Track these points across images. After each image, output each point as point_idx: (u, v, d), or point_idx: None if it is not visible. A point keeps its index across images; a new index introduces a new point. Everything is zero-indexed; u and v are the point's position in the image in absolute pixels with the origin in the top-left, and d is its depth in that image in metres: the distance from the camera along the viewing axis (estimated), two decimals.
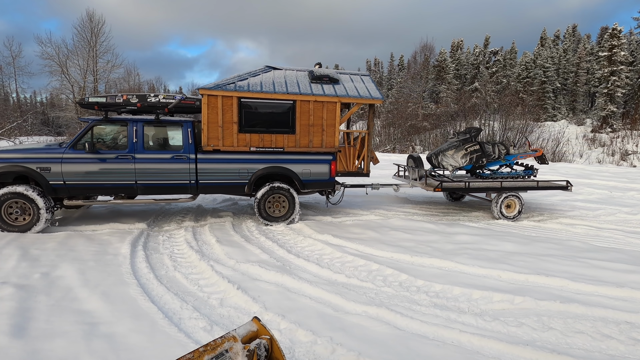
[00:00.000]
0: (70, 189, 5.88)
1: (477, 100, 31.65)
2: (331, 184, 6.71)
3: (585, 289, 4.05)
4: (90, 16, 41.26)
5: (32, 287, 3.82)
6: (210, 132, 6.12)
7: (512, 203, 7.25)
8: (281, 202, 6.56)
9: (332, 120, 6.49)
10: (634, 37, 35.28)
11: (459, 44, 47.81)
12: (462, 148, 7.62)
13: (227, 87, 6.14)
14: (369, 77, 7.39)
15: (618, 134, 27.51)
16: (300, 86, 6.51)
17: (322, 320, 3.34)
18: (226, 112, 6.14)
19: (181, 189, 6.22)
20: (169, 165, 6.07)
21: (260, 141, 6.33)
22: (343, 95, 6.47)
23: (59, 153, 5.77)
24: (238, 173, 6.34)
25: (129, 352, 2.83)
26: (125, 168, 5.94)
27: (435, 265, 4.74)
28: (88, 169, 5.85)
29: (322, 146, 6.54)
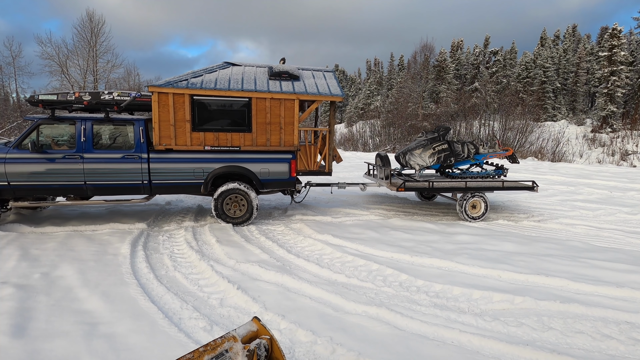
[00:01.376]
0: (16, 190, 5.69)
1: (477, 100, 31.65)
2: (292, 183, 6.60)
3: (585, 289, 4.05)
4: (90, 16, 41.25)
5: (32, 287, 3.82)
6: (162, 131, 5.94)
7: (477, 203, 7.17)
8: (240, 203, 6.45)
9: (291, 118, 6.37)
10: (634, 37, 35.28)
11: (459, 44, 47.80)
12: (429, 147, 7.57)
13: (178, 84, 5.95)
14: (331, 74, 7.23)
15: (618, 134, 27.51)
16: (257, 83, 6.36)
17: (322, 320, 3.34)
18: (178, 110, 5.97)
19: (134, 189, 6.07)
20: (120, 165, 5.91)
21: (216, 140, 6.20)
22: (301, 92, 6.35)
23: (3, 153, 5.58)
24: (193, 173, 6.19)
25: (129, 352, 2.83)
26: (73, 168, 5.77)
27: (435, 265, 4.74)
28: (33, 170, 5.65)
29: (280, 145, 6.43)
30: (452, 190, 7.20)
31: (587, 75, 37.74)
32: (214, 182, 6.45)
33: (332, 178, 9.11)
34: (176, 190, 6.29)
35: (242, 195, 6.39)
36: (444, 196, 8.22)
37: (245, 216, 6.45)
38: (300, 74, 6.84)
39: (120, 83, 49.68)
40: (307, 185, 7.31)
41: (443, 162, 7.62)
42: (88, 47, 41.59)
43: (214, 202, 6.31)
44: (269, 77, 6.59)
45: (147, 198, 6.34)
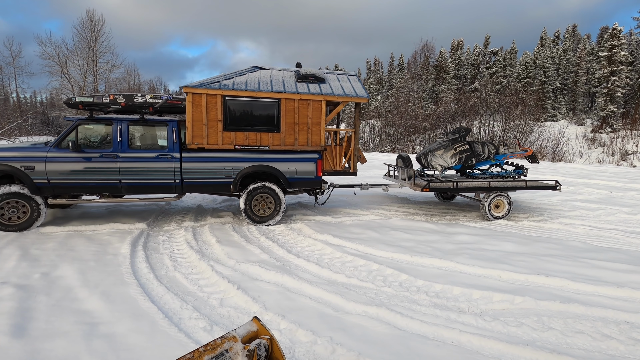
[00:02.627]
0: (55, 188, 5.84)
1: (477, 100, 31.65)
2: (317, 183, 6.71)
3: (585, 289, 4.05)
4: (90, 16, 41.27)
5: (32, 287, 3.82)
6: (194, 130, 6.11)
7: (501, 203, 7.24)
8: (267, 202, 6.54)
9: (318, 118, 6.51)
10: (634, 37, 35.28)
11: (459, 44, 47.80)
12: (451, 148, 7.63)
13: (211, 85, 6.15)
14: (355, 77, 7.43)
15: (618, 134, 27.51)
16: (285, 85, 6.52)
17: (322, 320, 3.34)
18: (210, 110, 6.14)
19: (166, 188, 6.20)
20: (154, 165, 6.07)
21: (245, 139, 6.33)
22: (328, 94, 6.49)
23: (43, 152, 5.76)
24: (223, 172, 6.32)
25: (129, 352, 2.83)
26: (109, 167, 5.93)
27: (435, 265, 4.74)
28: (72, 168, 5.83)
29: (307, 145, 6.55)
30: (476, 190, 7.28)
31: (587, 75, 37.74)
32: (242, 182, 6.56)
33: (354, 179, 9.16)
34: (206, 189, 6.45)
35: (270, 195, 6.49)
36: (464, 196, 8.25)
37: (273, 215, 6.54)
38: (326, 77, 7.01)
39: (120, 83, 49.66)
40: (330, 187, 7.33)
41: (464, 162, 7.69)
42: (88, 47, 41.58)
43: (242, 201, 6.41)
44: (297, 79, 6.76)
45: (177, 197, 6.47)
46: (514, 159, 8.15)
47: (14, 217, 5.70)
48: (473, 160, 7.72)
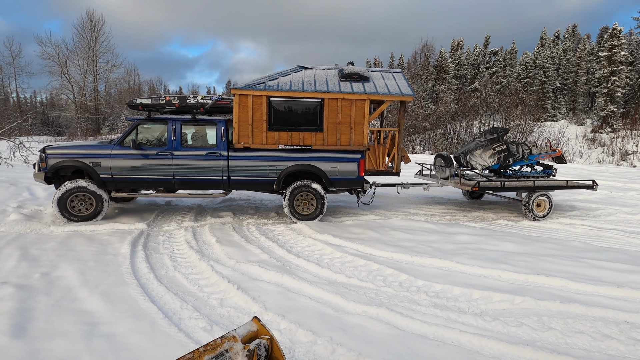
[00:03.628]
0: (117, 182, 6.37)
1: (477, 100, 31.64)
2: (360, 183, 6.74)
3: (585, 289, 4.05)
4: (90, 16, 41.37)
5: (32, 287, 3.82)
6: (241, 130, 6.35)
7: (542, 202, 7.31)
8: (309, 200, 6.64)
9: (361, 118, 6.50)
10: (634, 37, 35.28)
11: (459, 44, 47.80)
12: (490, 148, 7.73)
13: (257, 86, 6.34)
14: (400, 74, 7.34)
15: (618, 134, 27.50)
16: (328, 84, 6.57)
17: (322, 320, 3.34)
18: (256, 110, 6.33)
19: (214, 184, 6.55)
20: (203, 162, 6.40)
21: (289, 139, 6.47)
22: (372, 93, 6.48)
23: (108, 149, 6.28)
24: (267, 170, 6.52)
25: (129, 352, 2.83)
26: (165, 164, 6.35)
27: (435, 265, 4.74)
28: (132, 164, 6.31)
29: (350, 144, 6.57)
30: (522, 190, 7.33)
31: (587, 75, 37.73)
32: (285, 180, 6.70)
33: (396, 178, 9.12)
34: (251, 187, 6.72)
35: (312, 193, 6.62)
36: (501, 196, 8.34)
37: (315, 213, 6.67)
38: (370, 75, 6.98)
39: (120, 83, 49.75)
40: (372, 186, 7.34)
41: (502, 162, 7.78)
42: (88, 47, 41.67)
43: (285, 199, 6.58)
44: (340, 78, 6.78)
45: (224, 193, 6.71)
46: (544, 159, 8.28)
47: (83, 209, 6.23)
48: (510, 160, 7.84)
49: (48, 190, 8.57)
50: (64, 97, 44.34)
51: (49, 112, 48.94)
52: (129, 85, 50.74)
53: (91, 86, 43.40)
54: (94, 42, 41.92)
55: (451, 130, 26.42)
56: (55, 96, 49.42)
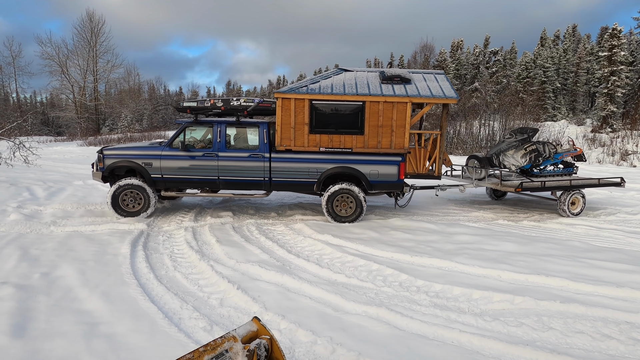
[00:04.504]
0: (166, 182, 6.68)
1: (477, 100, 31.63)
2: (400, 186, 6.73)
3: (585, 289, 4.05)
4: (90, 16, 41.37)
5: (32, 287, 3.83)
6: (283, 133, 6.49)
7: (577, 200, 7.47)
8: (348, 202, 6.67)
9: (402, 120, 6.49)
10: (634, 37, 35.27)
11: (459, 44, 47.79)
12: (521, 148, 7.83)
13: (299, 90, 6.46)
14: (443, 76, 7.27)
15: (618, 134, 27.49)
16: (370, 87, 6.58)
17: (322, 320, 3.34)
18: (298, 113, 6.45)
19: (256, 185, 6.72)
20: (246, 163, 6.58)
21: (330, 142, 6.54)
22: (414, 95, 6.45)
23: (159, 150, 6.60)
24: (308, 172, 6.62)
25: (129, 352, 2.83)
26: (210, 165, 6.60)
27: (435, 265, 4.74)
28: (180, 165, 6.60)
29: (391, 147, 6.57)
30: (560, 189, 7.45)
31: (587, 75, 37.72)
32: (325, 182, 6.77)
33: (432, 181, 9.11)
34: (291, 188, 6.85)
35: (351, 195, 6.64)
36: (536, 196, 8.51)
37: (354, 215, 6.70)
38: (411, 77, 6.96)
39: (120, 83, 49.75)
40: (411, 189, 7.34)
41: (533, 162, 7.88)
42: (88, 47, 41.67)
43: (324, 201, 6.63)
44: (381, 81, 6.78)
45: (265, 194, 6.87)
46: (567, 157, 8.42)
47: (133, 205, 6.58)
48: (540, 160, 7.95)
49: (48, 191, 8.58)
50: (64, 97, 44.36)
51: (49, 112, 48.96)
52: (129, 85, 50.74)
53: (91, 86, 43.41)
54: (94, 42, 41.93)
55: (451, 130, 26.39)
56: (55, 96, 49.44)
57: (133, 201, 6.58)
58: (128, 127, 38.31)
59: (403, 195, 7.13)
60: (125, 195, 6.54)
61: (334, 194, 6.61)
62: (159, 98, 57.37)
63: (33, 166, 10.77)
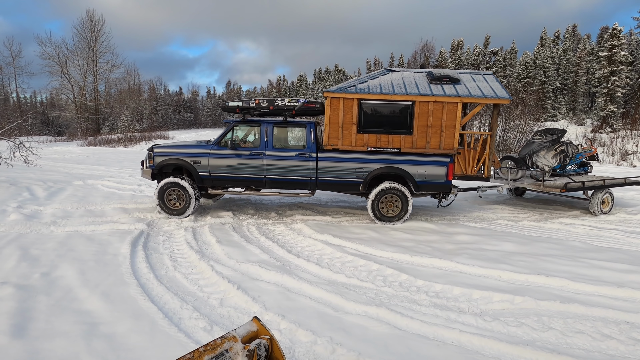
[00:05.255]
0: (214, 180, 6.77)
1: None
2: (447, 187, 6.66)
3: (585, 289, 4.05)
4: (90, 16, 41.39)
5: (32, 287, 3.82)
6: (331, 132, 6.53)
7: (607, 199, 7.74)
8: (394, 202, 6.63)
9: (452, 121, 6.43)
10: (634, 37, 35.27)
11: (459, 44, 47.79)
12: (552, 149, 8.02)
13: (348, 89, 6.46)
14: (492, 76, 7.23)
15: (618, 134, 27.48)
16: (419, 87, 6.55)
17: (322, 320, 3.34)
18: (347, 113, 6.47)
19: (302, 184, 6.75)
20: (293, 162, 6.63)
21: (377, 141, 6.54)
22: (465, 96, 6.40)
23: (208, 149, 6.71)
24: (354, 172, 6.60)
25: (129, 352, 2.83)
26: (257, 163, 6.67)
27: (435, 265, 4.74)
28: (228, 163, 6.69)
29: (439, 148, 6.52)
30: (596, 188, 7.62)
31: (587, 75, 37.72)
32: (370, 182, 6.73)
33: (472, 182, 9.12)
34: (337, 188, 6.83)
35: (397, 196, 6.60)
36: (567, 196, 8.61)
37: (399, 216, 6.65)
38: (460, 77, 6.91)
39: (120, 83, 49.74)
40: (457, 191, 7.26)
41: (562, 162, 8.09)
42: (88, 47, 41.69)
43: (370, 201, 6.59)
44: (430, 81, 6.75)
45: (310, 193, 6.90)
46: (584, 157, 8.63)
47: (177, 203, 6.67)
48: (567, 160, 8.18)
49: (48, 191, 8.58)
50: (64, 97, 44.36)
51: (49, 112, 48.96)
52: (129, 85, 50.74)
53: (91, 86, 43.42)
54: (94, 42, 41.95)
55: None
56: (55, 96, 49.44)
57: (177, 199, 6.67)
58: (128, 127, 38.30)
59: (447, 196, 7.05)
60: (170, 195, 6.66)
61: (380, 193, 6.56)
62: (158, 98, 57.39)
63: (33, 166, 10.77)
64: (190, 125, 58.95)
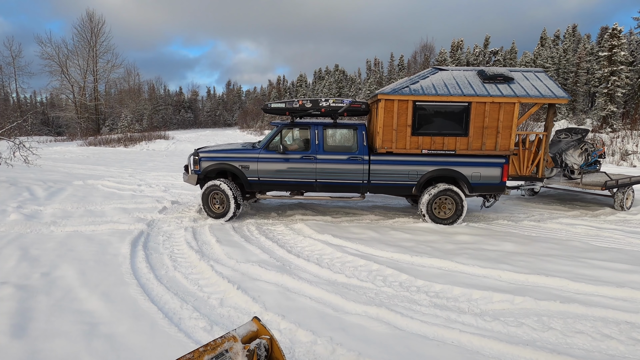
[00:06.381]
0: (262, 185, 6.68)
1: None
2: (501, 188, 6.59)
3: (585, 289, 4.05)
4: (90, 16, 41.38)
5: (32, 287, 3.83)
6: (384, 135, 6.39)
7: (629, 196, 8.05)
8: (447, 204, 6.59)
9: (509, 122, 6.33)
10: (634, 37, 35.26)
11: (459, 44, 47.78)
12: (578, 147, 8.28)
13: (402, 91, 6.29)
14: (544, 74, 7.05)
15: (618, 134, 27.48)
16: (474, 87, 6.44)
17: (322, 320, 3.34)
18: (401, 115, 6.34)
19: (354, 188, 6.64)
20: (345, 166, 6.52)
21: (432, 143, 6.43)
22: (523, 96, 6.27)
23: (256, 153, 6.59)
24: (407, 174, 6.53)
25: (129, 352, 2.83)
26: (308, 167, 6.55)
27: (435, 265, 4.74)
28: (278, 167, 6.57)
29: (495, 149, 6.42)
30: (623, 186, 7.90)
31: (587, 75, 37.72)
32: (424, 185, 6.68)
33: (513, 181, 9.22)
34: (389, 191, 6.72)
35: (451, 197, 6.55)
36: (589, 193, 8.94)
37: (453, 217, 6.61)
38: (513, 75, 6.78)
39: (120, 83, 49.77)
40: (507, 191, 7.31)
41: (585, 160, 8.33)
42: (88, 47, 41.67)
43: (423, 203, 6.54)
44: (483, 80, 6.62)
45: (362, 196, 6.85)
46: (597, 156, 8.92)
47: (220, 207, 6.61)
48: (589, 158, 8.41)
49: (48, 191, 8.58)
50: (64, 97, 44.34)
51: (49, 112, 48.94)
52: (129, 85, 50.75)
53: (91, 86, 43.41)
54: (94, 42, 41.93)
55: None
56: (55, 96, 49.43)
57: (219, 202, 6.61)
58: (128, 127, 38.31)
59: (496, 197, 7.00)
60: (213, 198, 6.60)
61: (435, 195, 6.49)
62: (158, 98, 57.40)
63: (33, 166, 10.77)
64: (190, 125, 58.97)
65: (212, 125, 62.33)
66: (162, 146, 24.37)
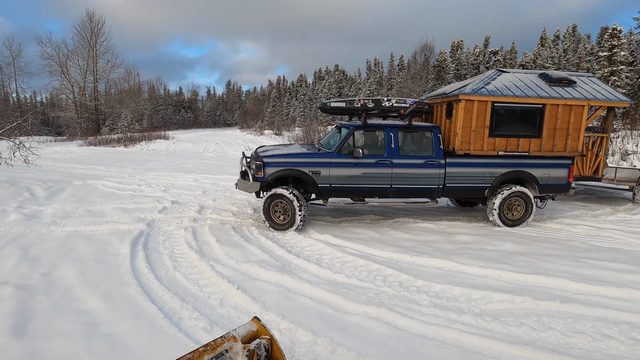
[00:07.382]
0: (333, 192, 6.24)
1: None
2: (566, 189, 6.68)
3: (585, 289, 4.05)
4: (90, 16, 41.38)
5: (32, 287, 3.83)
6: (462, 137, 6.30)
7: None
8: (516, 206, 6.59)
9: (578, 124, 6.48)
10: (634, 37, 35.27)
11: (459, 44, 47.80)
12: None
13: (480, 91, 6.26)
14: (595, 78, 7.33)
15: (618, 134, 27.47)
16: (545, 89, 6.54)
17: (322, 320, 3.34)
18: (479, 116, 6.30)
19: (428, 192, 6.44)
20: (421, 170, 6.28)
21: (507, 145, 6.45)
22: (592, 99, 6.47)
23: (328, 158, 6.13)
24: (482, 177, 6.48)
25: (129, 352, 2.83)
26: (384, 172, 6.20)
27: (435, 265, 4.74)
28: (352, 173, 6.16)
29: (565, 150, 6.55)
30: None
31: None
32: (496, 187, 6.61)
33: None
34: (462, 194, 6.66)
35: (521, 199, 6.55)
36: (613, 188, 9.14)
37: (524, 218, 6.60)
38: (574, 79, 6.91)
39: (120, 83, 49.76)
40: None
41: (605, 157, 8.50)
42: (88, 47, 41.66)
43: (494, 205, 6.47)
44: (549, 83, 6.70)
45: (435, 201, 6.61)
46: None
47: (282, 217, 6.04)
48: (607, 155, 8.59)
49: (48, 191, 8.57)
50: (64, 97, 44.34)
51: (49, 112, 48.94)
52: (129, 85, 50.74)
53: (91, 86, 43.40)
54: (94, 42, 41.92)
55: None
56: (55, 96, 49.41)
57: (282, 212, 6.04)
58: (128, 127, 38.31)
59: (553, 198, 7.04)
60: (275, 207, 6.05)
61: (507, 197, 6.45)
62: (158, 98, 57.42)
63: (33, 166, 10.77)
64: (190, 125, 58.98)
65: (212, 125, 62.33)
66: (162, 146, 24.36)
